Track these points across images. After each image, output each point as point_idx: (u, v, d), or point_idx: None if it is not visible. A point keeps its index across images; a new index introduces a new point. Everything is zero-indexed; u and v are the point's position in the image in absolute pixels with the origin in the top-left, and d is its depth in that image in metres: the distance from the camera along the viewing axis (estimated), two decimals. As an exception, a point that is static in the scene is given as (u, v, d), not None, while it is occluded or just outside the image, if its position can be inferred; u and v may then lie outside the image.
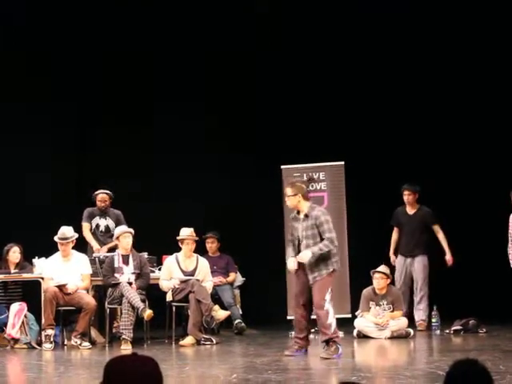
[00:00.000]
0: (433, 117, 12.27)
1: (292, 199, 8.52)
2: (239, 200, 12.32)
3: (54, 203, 12.05)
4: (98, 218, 11.07)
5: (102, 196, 11.00)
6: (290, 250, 8.68)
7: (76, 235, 10.30)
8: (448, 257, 11.00)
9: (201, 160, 12.55)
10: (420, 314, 10.92)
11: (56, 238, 10.21)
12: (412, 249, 11.03)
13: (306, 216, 8.44)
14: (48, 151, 12.47)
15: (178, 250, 10.43)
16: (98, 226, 11.06)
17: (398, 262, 11.11)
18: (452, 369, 3.01)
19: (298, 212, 8.56)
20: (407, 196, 11.11)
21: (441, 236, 11.06)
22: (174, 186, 12.38)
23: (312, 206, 8.53)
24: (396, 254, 11.16)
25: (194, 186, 12.36)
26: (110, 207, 11.09)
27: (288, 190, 8.58)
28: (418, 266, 11.00)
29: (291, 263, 8.50)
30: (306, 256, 8.34)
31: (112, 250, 10.67)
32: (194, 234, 10.40)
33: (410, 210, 11.16)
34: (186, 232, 10.35)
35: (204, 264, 10.48)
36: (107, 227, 11.03)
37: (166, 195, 12.31)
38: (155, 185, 12.51)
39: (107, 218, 11.06)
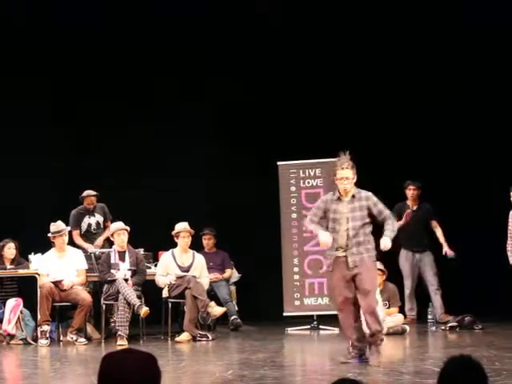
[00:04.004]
0: (430, 113, 12.27)
1: (352, 182, 7.89)
2: (236, 196, 12.31)
3: (51, 201, 12.05)
4: (87, 217, 11.24)
5: (90, 199, 11.18)
6: (317, 226, 7.90)
7: (68, 228, 10.35)
8: (446, 249, 11.17)
9: (197, 156, 12.55)
10: (440, 305, 11.03)
11: (50, 233, 10.22)
12: (420, 245, 11.22)
13: (353, 197, 7.87)
14: (45, 149, 12.49)
15: (174, 246, 10.44)
16: (89, 224, 11.24)
17: (406, 256, 11.20)
18: (446, 365, 3.02)
19: (340, 193, 7.90)
20: (412, 191, 11.31)
21: (439, 231, 11.27)
22: (171, 183, 12.38)
23: (357, 189, 7.96)
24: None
25: (190, 183, 12.35)
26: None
27: (348, 172, 7.82)
28: (429, 260, 11.23)
29: (326, 236, 7.75)
30: (388, 243, 7.77)
31: (107, 239, 10.85)
32: (189, 228, 10.41)
33: (413, 206, 11.33)
34: (181, 226, 10.36)
35: (200, 260, 10.49)
36: (98, 223, 11.25)
37: (162, 191, 12.30)
38: (151, 181, 12.50)
39: (95, 214, 11.24)
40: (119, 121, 12.71)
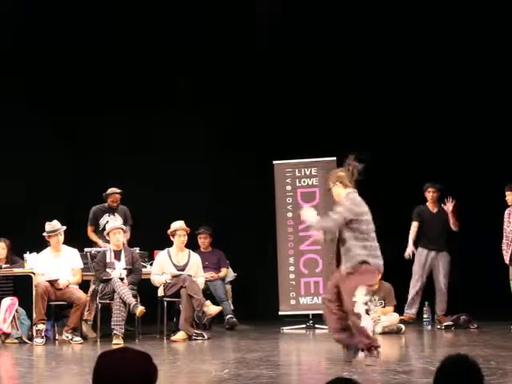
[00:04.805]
0: (424, 114, 12.27)
1: (334, 191, 7.83)
2: (232, 195, 12.32)
3: (46, 202, 12.04)
4: (106, 215, 11.16)
5: (114, 196, 11.13)
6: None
7: (64, 227, 10.31)
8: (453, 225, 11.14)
9: (192, 156, 12.54)
10: (442, 307, 11.07)
11: (45, 232, 10.20)
12: (438, 244, 11.24)
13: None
14: (46, 149, 12.49)
15: (170, 245, 10.43)
16: (108, 223, 11.08)
17: (420, 254, 11.21)
18: (443, 364, 3.02)
19: None
20: (432, 194, 11.30)
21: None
22: (166, 182, 12.37)
23: (348, 192, 7.76)
24: (415, 246, 11.24)
25: (186, 182, 12.35)
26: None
27: (329, 185, 7.89)
28: (443, 261, 11.23)
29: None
30: (308, 215, 7.84)
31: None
32: (185, 226, 10.40)
33: (433, 208, 11.35)
34: (178, 224, 10.35)
35: (196, 259, 10.48)
36: None
37: (158, 191, 12.30)
38: (147, 181, 12.50)
39: (116, 214, 11.14)
40: (119, 121, 12.70)
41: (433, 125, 12.27)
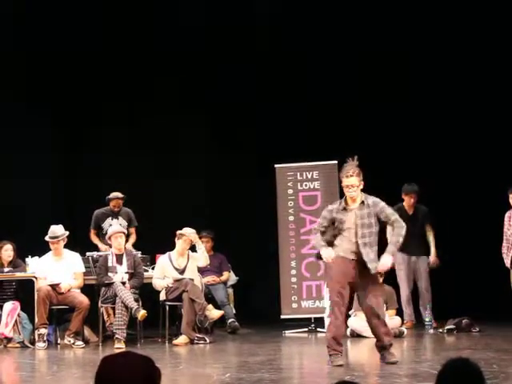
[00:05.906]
0: (426, 116, 12.27)
1: (358, 189, 7.68)
2: (234, 199, 12.32)
3: (46, 203, 12.03)
4: (110, 218, 11.13)
5: (116, 201, 11.09)
6: (319, 238, 7.69)
7: (67, 233, 10.29)
8: (433, 259, 11.17)
9: (196, 159, 12.55)
10: (430, 313, 11.00)
11: (47, 238, 10.20)
12: (417, 248, 11.15)
13: (362, 203, 7.69)
14: (45, 149, 12.49)
15: (171, 248, 10.42)
16: (111, 227, 11.06)
17: (402, 261, 11.13)
18: (444, 368, 3.02)
19: (347, 202, 7.72)
20: (412, 200, 11.19)
21: (431, 236, 11.22)
22: (166, 183, 12.37)
23: (364, 194, 7.78)
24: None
25: (186, 183, 12.35)
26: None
27: (354, 180, 7.63)
28: (423, 264, 11.19)
29: (329, 253, 7.57)
30: (387, 262, 7.66)
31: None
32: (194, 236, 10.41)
33: (409, 210, 11.26)
34: (189, 230, 10.32)
35: (194, 258, 10.42)
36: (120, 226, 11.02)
37: (158, 191, 12.30)
38: (149, 183, 12.50)
39: (119, 217, 11.13)
40: (119, 121, 12.71)
41: (432, 127, 12.26)
